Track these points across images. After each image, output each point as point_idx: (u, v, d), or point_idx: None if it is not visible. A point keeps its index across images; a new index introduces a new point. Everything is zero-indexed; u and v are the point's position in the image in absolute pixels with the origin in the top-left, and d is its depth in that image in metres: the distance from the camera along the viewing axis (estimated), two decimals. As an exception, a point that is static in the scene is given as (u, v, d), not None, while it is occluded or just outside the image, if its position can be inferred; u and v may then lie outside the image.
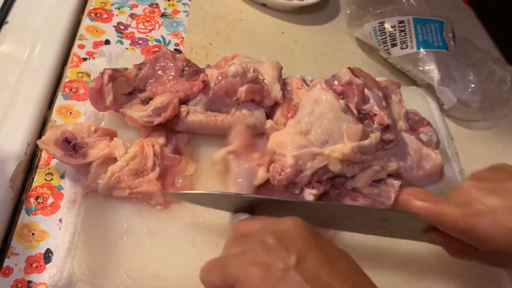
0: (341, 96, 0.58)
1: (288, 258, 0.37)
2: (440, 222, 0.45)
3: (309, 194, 0.54)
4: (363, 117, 0.59)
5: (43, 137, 0.52)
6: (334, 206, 0.52)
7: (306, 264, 0.37)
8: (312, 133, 0.56)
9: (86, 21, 0.73)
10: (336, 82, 0.60)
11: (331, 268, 0.37)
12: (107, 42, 0.71)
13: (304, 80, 0.67)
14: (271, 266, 0.36)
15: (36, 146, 0.56)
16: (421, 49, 0.78)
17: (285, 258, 0.37)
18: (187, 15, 0.81)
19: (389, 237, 0.54)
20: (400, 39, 0.79)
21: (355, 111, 0.57)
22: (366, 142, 0.55)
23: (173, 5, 0.82)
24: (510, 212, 0.42)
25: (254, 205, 0.49)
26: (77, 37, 0.71)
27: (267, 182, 0.55)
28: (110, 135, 0.55)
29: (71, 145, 0.52)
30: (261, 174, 0.54)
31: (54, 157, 0.53)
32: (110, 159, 0.53)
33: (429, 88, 0.79)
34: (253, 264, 0.37)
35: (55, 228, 0.50)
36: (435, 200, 0.45)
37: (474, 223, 0.42)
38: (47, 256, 0.48)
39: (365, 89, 0.59)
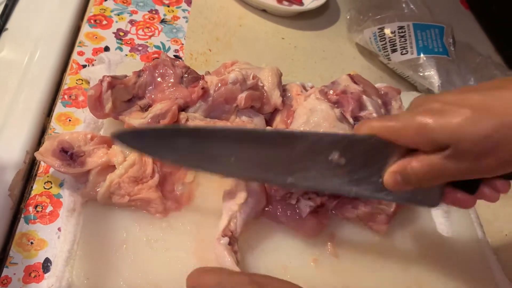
0: (336, 105, 0.58)
1: None
2: (395, 130, 0.42)
3: (305, 206, 0.54)
4: (361, 124, 0.58)
5: (40, 149, 0.52)
6: (288, 134, 0.48)
7: None
8: (307, 142, 0.55)
9: (85, 28, 0.73)
10: (331, 91, 0.60)
11: None
12: (106, 48, 0.71)
13: (304, 87, 0.67)
14: None
15: (35, 154, 0.56)
16: (421, 55, 0.78)
17: None
18: (186, 21, 0.81)
19: (349, 193, 0.48)
20: (400, 44, 0.79)
21: (351, 120, 0.57)
22: None
23: (173, 11, 0.82)
24: (462, 99, 0.40)
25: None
26: (77, 43, 0.71)
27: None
28: (107, 142, 0.55)
29: (68, 155, 0.52)
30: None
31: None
32: (109, 167, 0.53)
33: (429, 93, 0.79)
34: None
35: (54, 237, 0.50)
36: (388, 116, 0.46)
37: (428, 114, 0.40)
38: (46, 265, 0.48)
39: (364, 96, 0.59)
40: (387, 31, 0.81)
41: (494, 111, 0.38)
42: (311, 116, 0.57)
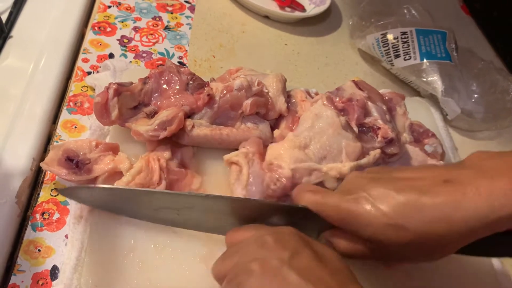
0: (342, 113, 0.58)
1: (283, 253, 0.39)
2: (324, 210, 0.46)
3: None
4: (366, 130, 0.59)
5: (46, 159, 0.52)
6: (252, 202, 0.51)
7: (300, 260, 0.38)
8: (310, 147, 0.56)
9: (90, 35, 0.73)
10: (337, 99, 0.60)
11: (323, 264, 0.39)
12: (111, 55, 0.71)
13: (308, 93, 0.67)
14: (267, 261, 0.38)
15: (42, 161, 0.56)
16: (424, 60, 0.78)
17: (281, 253, 0.39)
18: (190, 28, 0.81)
19: None
20: (403, 50, 0.79)
21: (355, 129, 0.57)
22: (364, 161, 0.55)
23: (176, 18, 0.82)
24: (387, 198, 0.43)
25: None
26: (81, 50, 0.71)
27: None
28: (113, 149, 0.55)
29: (74, 163, 0.52)
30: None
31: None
32: (116, 174, 0.53)
33: (432, 98, 0.80)
34: (251, 260, 0.39)
35: (61, 244, 0.50)
36: (322, 191, 0.48)
37: (353, 208, 0.44)
38: (54, 273, 0.48)
39: (369, 103, 0.59)
40: (390, 36, 0.81)
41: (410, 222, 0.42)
42: (316, 121, 0.57)
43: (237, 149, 0.58)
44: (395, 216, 0.42)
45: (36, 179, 0.56)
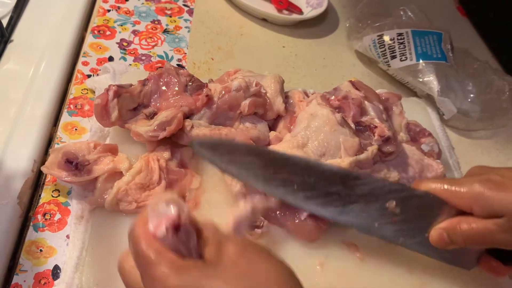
0: (337, 110, 0.59)
1: None
2: (452, 194, 0.47)
3: None
4: (363, 129, 0.59)
5: (46, 162, 0.53)
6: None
7: None
8: (308, 145, 0.56)
9: (89, 38, 0.74)
10: (332, 97, 0.61)
11: None
12: (110, 58, 0.72)
13: (306, 93, 0.68)
14: None
15: (43, 163, 0.57)
16: (421, 61, 0.79)
17: None
18: (189, 31, 0.82)
19: (396, 241, 0.52)
20: (399, 51, 0.80)
21: (352, 125, 0.58)
22: (363, 156, 0.55)
23: (175, 21, 0.83)
24: None
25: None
26: (81, 54, 0.72)
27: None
28: (111, 150, 0.56)
29: (73, 165, 0.52)
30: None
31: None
32: (116, 174, 0.54)
33: (429, 99, 0.80)
34: None
35: (63, 244, 0.51)
36: (447, 179, 0.51)
37: (487, 186, 0.45)
38: (55, 272, 0.49)
39: (366, 102, 0.60)
40: (386, 38, 0.82)
41: None
42: (312, 121, 0.58)
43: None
44: None
45: (37, 180, 0.57)
